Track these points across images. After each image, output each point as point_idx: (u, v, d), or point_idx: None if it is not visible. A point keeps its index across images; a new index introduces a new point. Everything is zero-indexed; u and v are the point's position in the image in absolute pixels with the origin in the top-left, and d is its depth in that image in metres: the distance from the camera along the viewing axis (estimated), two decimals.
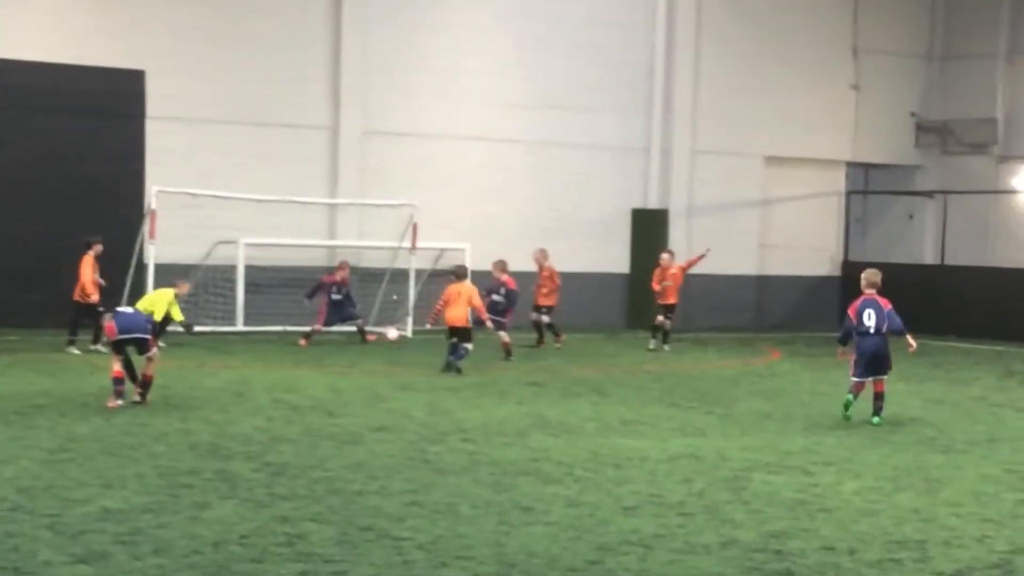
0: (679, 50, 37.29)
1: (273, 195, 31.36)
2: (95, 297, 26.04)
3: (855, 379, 19.22)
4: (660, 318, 30.32)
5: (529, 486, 13.44)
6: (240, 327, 30.19)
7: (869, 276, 19.51)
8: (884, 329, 19.08)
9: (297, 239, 32.00)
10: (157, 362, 19.15)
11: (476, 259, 32.55)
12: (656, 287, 30.58)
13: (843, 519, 12.35)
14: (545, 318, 30.22)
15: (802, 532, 11.76)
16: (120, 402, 18.51)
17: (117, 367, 18.79)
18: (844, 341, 19.55)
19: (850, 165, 40.96)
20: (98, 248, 26.53)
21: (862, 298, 19.33)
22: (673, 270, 30.54)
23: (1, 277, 29.85)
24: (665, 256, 31.09)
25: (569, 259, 35.30)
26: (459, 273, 25.51)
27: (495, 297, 28.20)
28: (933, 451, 16.68)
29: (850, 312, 19.43)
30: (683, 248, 34.81)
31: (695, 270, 31.82)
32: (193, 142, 31.75)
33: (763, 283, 38.99)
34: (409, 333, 31.22)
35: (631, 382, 23.65)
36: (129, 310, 19.77)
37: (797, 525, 12.03)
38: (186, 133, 31.67)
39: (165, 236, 29.48)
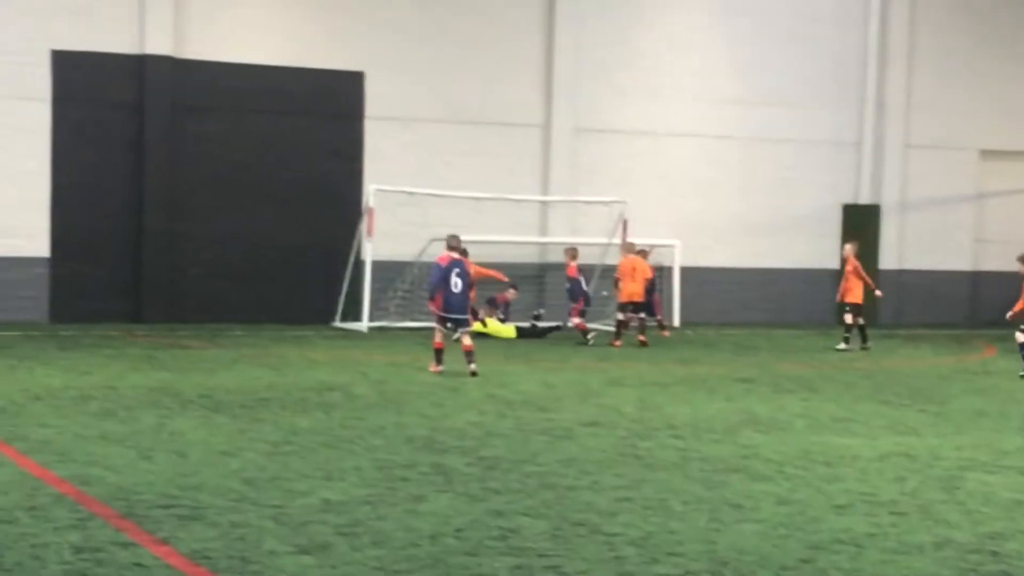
0: (892, 42, 36.81)
1: (486, 192, 31.79)
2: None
3: None
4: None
5: (739, 483, 13.44)
6: None
7: None
8: None
9: (509, 236, 32.36)
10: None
11: (686, 255, 32.69)
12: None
13: None
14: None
15: (1019, 534, 11.56)
16: (441, 368, 21.95)
17: (439, 339, 21.99)
18: None
19: None
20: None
21: None
22: (848, 266, 28.74)
23: (224, 275, 30.76)
24: (846, 247, 29.32)
25: (778, 255, 35.17)
26: None
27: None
28: None
29: None
30: (895, 244, 34.34)
31: (907, 267, 31.14)
32: (408, 141, 32.44)
33: (977, 279, 38.23)
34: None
35: (841, 378, 23.44)
36: (457, 290, 21.89)
37: (1014, 526, 11.84)
38: (402, 132, 32.36)
39: (381, 233, 30.16)
